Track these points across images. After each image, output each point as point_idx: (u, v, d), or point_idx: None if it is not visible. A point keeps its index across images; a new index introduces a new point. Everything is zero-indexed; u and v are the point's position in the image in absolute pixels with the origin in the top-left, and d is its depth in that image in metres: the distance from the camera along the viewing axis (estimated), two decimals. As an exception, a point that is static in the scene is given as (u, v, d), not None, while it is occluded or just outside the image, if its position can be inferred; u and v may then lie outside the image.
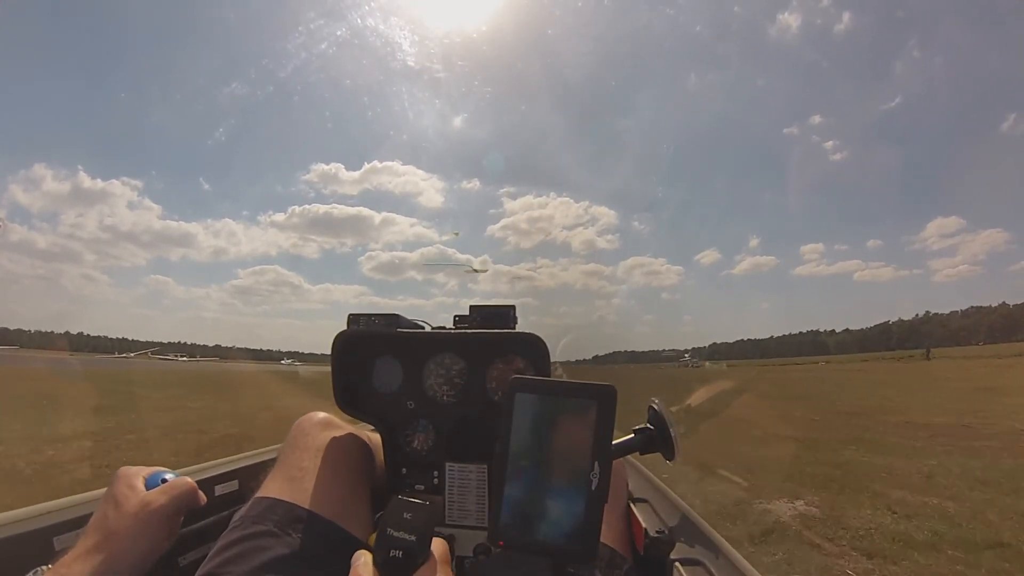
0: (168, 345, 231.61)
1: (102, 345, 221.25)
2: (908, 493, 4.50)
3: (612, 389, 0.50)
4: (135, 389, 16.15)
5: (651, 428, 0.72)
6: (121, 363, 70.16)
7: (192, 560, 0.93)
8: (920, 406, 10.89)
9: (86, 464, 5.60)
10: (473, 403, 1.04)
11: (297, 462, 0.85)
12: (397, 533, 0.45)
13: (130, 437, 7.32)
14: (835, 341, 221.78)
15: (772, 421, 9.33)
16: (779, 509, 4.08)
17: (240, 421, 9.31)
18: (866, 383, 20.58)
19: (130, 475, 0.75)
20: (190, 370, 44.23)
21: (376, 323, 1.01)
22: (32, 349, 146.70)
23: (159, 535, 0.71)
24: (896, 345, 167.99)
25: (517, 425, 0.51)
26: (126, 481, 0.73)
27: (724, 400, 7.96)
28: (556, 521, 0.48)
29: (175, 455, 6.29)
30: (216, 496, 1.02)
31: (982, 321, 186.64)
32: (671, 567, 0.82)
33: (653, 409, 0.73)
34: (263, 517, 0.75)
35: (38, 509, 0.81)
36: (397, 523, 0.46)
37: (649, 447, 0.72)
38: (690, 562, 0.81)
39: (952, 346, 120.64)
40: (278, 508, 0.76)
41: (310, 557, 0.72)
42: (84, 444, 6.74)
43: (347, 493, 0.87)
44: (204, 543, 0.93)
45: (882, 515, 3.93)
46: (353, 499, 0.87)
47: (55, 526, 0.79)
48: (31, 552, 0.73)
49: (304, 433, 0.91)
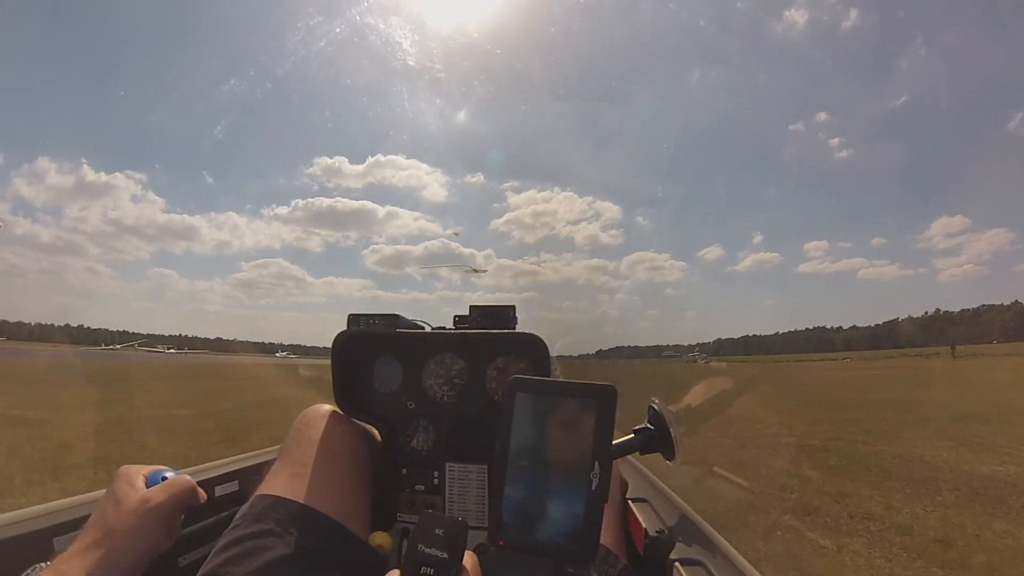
0: (170, 338, 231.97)
1: (102, 338, 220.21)
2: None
3: (612, 389, 0.49)
4: (88, 383, 15.37)
5: (651, 428, 0.75)
6: (104, 355, 68.09)
7: (192, 560, 0.95)
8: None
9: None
10: (473, 403, 1.04)
11: (300, 457, 0.85)
12: (429, 550, 0.44)
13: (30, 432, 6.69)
14: (842, 338, 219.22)
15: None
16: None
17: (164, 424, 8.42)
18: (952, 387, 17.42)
19: (130, 473, 0.74)
20: (173, 363, 42.65)
21: (376, 323, 1.02)
22: (21, 341, 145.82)
23: (158, 532, 0.70)
24: (906, 343, 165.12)
25: (517, 425, 0.50)
26: (126, 479, 0.73)
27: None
28: (556, 521, 0.48)
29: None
30: (216, 496, 1.02)
31: (995, 319, 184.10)
32: (671, 567, 0.82)
33: (653, 409, 0.76)
34: (265, 516, 0.75)
35: (38, 510, 0.81)
36: (429, 539, 0.44)
37: (649, 447, 0.76)
38: (690, 562, 0.81)
39: (964, 344, 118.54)
40: (280, 506, 0.77)
41: (311, 556, 0.73)
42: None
43: (350, 491, 0.88)
44: (204, 543, 0.96)
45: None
46: (355, 497, 0.88)
47: (55, 527, 0.79)
48: (31, 552, 0.73)
49: (308, 426, 0.91)
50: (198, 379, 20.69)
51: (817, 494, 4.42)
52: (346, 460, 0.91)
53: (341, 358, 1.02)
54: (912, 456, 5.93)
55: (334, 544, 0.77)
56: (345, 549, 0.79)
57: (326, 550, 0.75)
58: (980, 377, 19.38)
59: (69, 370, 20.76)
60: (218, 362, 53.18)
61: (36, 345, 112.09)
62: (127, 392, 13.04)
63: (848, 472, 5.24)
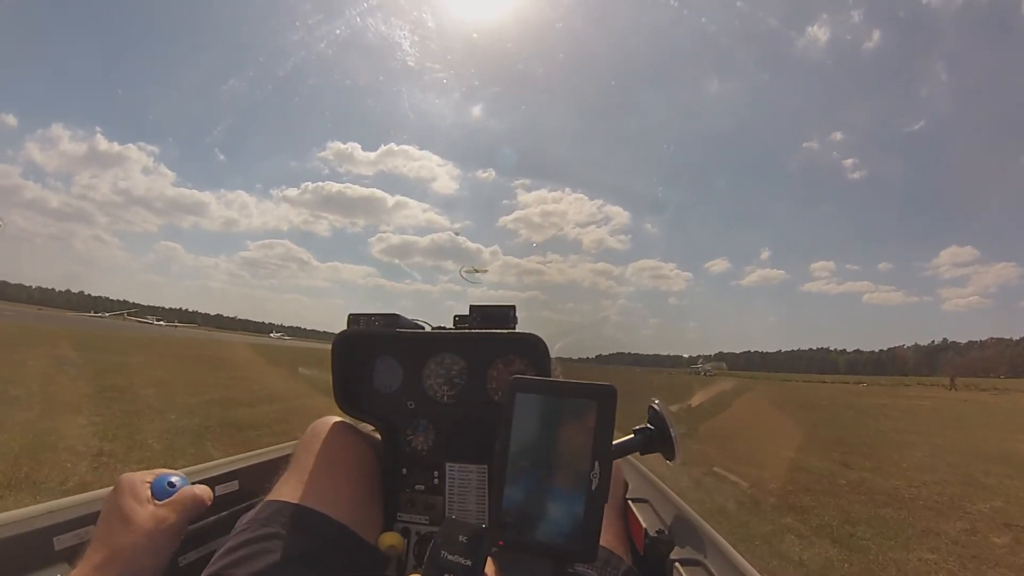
0: (171, 311, 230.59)
1: (102, 306, 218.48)
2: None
3: (612, 389, 0.49)
4: (49, 349, 13.90)
5: (651, 428, 0.74)
6: (85, 322, 65.53)
7: (192, 560, 0.93)
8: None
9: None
10: (473, 403, 1.04)
11: (308, 464, 0.85)
12: (452, 557, 0.43)
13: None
14: (845, 360, 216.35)
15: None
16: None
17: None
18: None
19: (135, 484, 0.72)
20: (155, 335, 39.71)
21: (376, 323, 1.02)
22: (17, 303, 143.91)
23: (168, 550, 0.70)
24: (911, 371, 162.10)
25: (517, 425, 0.50)
26: (131, 492, 0.71)
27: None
28: (556, 521, 0.48)
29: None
30: (216, 496, 0.97)
31: (1004, 353, 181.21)
32: (671, 567, 0.82)
33: (653, 409, 0.75)
34: (271, 520, 0.74)
35: (38, 509, 0.80)
36: (452, 546, 0.44)
37: (649, 447, 0.74)
38: (690, 562, 0.81)
39: (970, 376, 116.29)
40: (286, 511, 0.76)
41: (317, 559, 0.72)
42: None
43: (357, 495, 0.88)
44: (204, 543, 0.95)
45: None
46: (363, 501, 0.89)
47: (55, 526, 0.78)
48: (31, 552, 0.74)
49: (317, 436, 0.91)
50: (155, 354, 17.71)
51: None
52: (353, 466, 0.91)
53: (341, 358, 1.03)
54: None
55: (341, 547, 0.77)
56: (352, 551, 0.78)
57: (333, 552, 0.75)
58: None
59: (50, 335, 19.39)
60: (200, 338, 50.64)
61: (23, 307, 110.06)
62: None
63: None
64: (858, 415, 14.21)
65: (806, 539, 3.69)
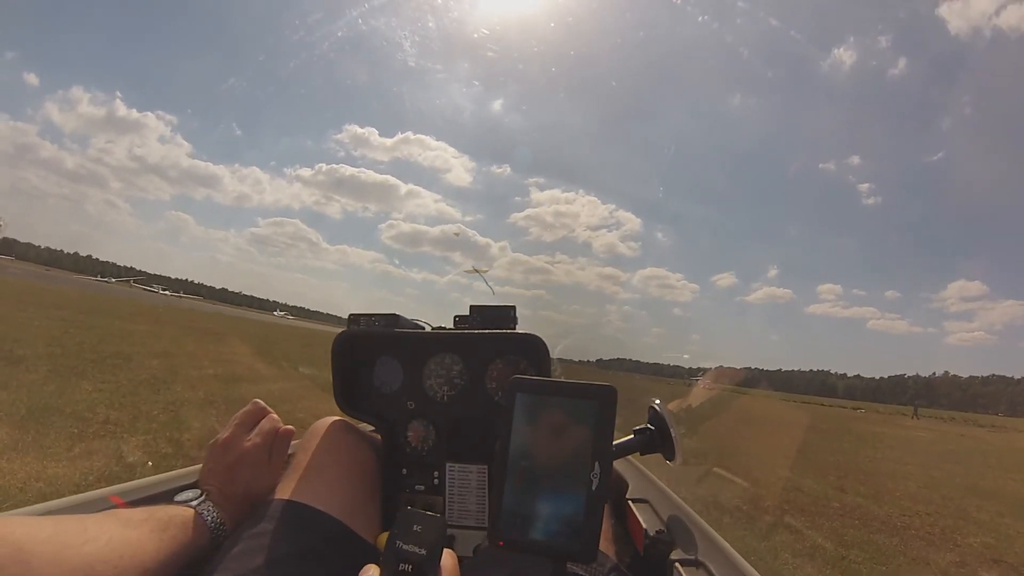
0: (177, 282, 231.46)
1: (109, 271, 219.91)
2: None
3: (612, 389, 0.49)
4: (56, 311, 13.74)
5: (651, 428, 0.74)
6: (93, 285, 66.10)
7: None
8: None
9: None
10: (473, 403, 1.03)
11: (308, 463, 0.86)
12: (407, 546, 0.44)
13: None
14: (845, 385, 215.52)
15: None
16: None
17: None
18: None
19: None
20: (159, 305, 40.07)
21: (376, 323, 1.02)
22: (23, 261, 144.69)
23: (277, 467, 0.85)
24: (909, 400, 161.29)
25: (517, 425, 0.50)
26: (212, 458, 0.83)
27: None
28: (556, 521, 0.48)
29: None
30: None
31: (1004, 391, 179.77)
32: (671, 567, 0.81)
33: (653, 409, 0.75)
34: (271, 517, 0.75)
35: (41, 508, 0.78)
36: (407, 536, 0.44)
37: (649, 447, 0.75)
38: (690, 562, 0.81)
39: (968, 411, 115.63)
40: (286, 508, 0.77)
41: (316, 557, 0.73)
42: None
43: (357, 494, 0.89)
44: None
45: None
46: (362, 501, 0.89)
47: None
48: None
49: (317, 435, 0.92)
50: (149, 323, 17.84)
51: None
52: (354, 466, 0.92)
53: (341, 358, 1.02)
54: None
55: (340, 545, 0.77)
56: (351, 550, 0.79)
57: (332, 550, 0.75)
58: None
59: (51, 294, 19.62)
60: (202, 310, 50.94)
61: (31, 265, 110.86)
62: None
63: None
64: (857, 441, 14.15)
65: (800, 558, 3.73)
